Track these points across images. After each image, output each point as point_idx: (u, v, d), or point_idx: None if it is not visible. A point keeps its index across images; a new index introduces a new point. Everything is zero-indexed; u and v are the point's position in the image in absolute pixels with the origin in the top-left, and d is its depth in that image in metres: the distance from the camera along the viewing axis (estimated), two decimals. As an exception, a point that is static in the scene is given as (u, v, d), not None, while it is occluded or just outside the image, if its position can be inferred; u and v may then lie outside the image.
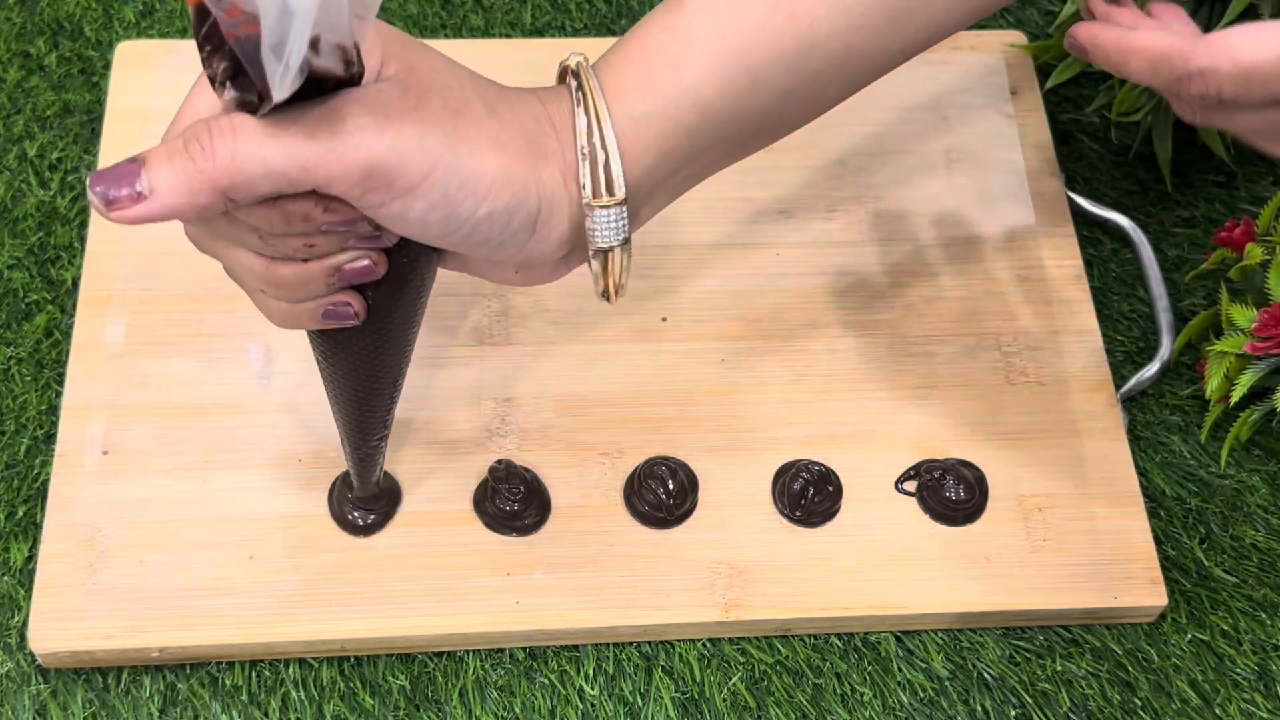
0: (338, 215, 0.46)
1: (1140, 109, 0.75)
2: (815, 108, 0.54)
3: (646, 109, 0.50)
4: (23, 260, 0.71)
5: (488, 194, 0.47)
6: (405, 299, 0.52)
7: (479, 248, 0.49)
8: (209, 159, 0.44)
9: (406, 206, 0.46)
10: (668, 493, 0.64)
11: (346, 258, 0.48)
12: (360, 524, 0.63)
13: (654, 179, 0.51)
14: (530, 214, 0.49)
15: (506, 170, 0.48)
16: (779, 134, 0.55)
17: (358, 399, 0.55)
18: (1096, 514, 0.66)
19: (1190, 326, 0.71)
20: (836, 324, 0.70)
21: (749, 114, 0.52)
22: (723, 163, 0.54)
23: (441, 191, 0.46)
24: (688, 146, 0.51)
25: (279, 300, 0.50)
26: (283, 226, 0.46)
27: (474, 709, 0.61)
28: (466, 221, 0.48)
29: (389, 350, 0.53)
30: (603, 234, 0.50)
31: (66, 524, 0.63)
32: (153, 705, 0.61)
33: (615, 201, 0.50)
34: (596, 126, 0.49)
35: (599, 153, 0.49)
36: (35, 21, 0.80)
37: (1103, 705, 0.63)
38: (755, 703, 0.62)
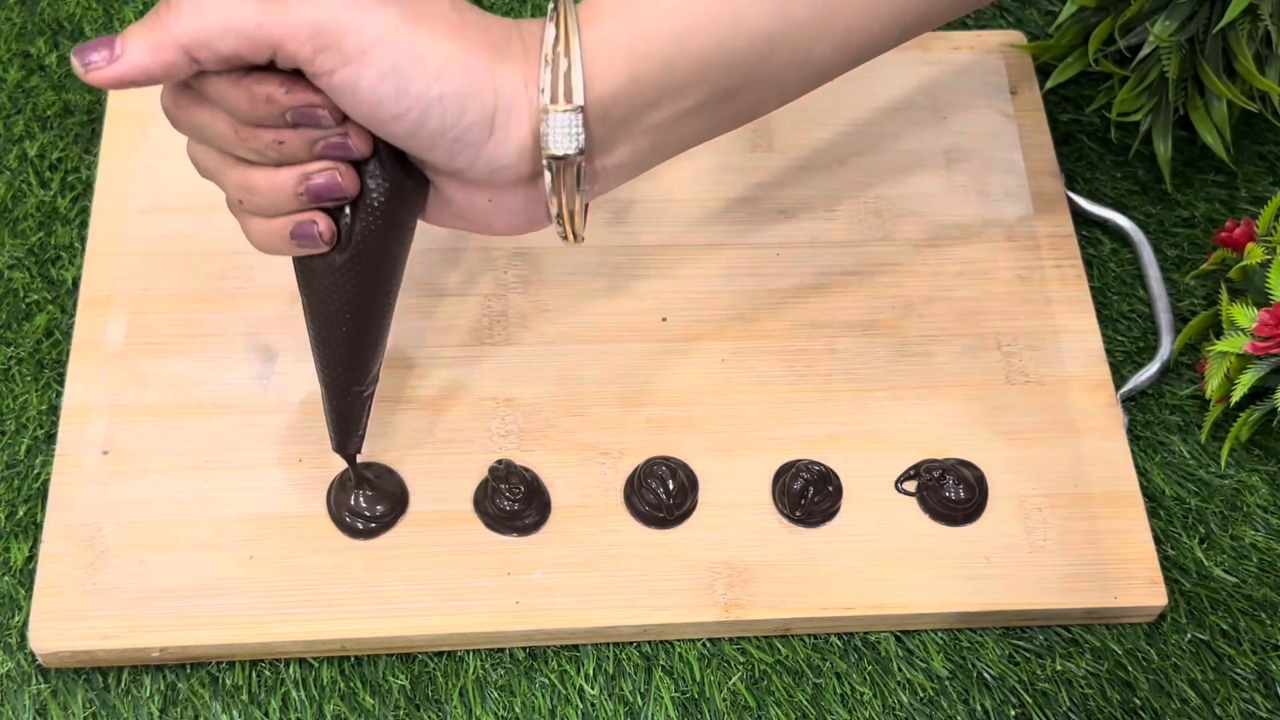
0: (297, 97, 0.48)
1: (1140, 109, 0.75)
2: (805, 64, 0.53)
3: (619, 31, 0.50)
4: (23, 260, 0.71)
5: (441, 74, 0.48)
6: (378, 230, 0.52)
7: (434, 142, 0.49)
8: (175, 19, 0.47)
9: (357, 74, 0.47)
10: (668, 493, 0.64)
11: (315, 167, 0.50)
12: (359, 527, 0.63)
13: (626, 105, 0.51)
14: (486, 109, 0.49)
15: (463, 54, 0.48)
16: (773, 94, 0.54)
17: (331, 342, 0.56)
18: (1096, 514, 0.66)
19: (1190, 326, 0.71)
20: (836, 324, 0.70)
21: (731, 56, 0.51)
22: (709, 114, 0.53)
23: (392, 61, 0.47)
24: (663, 78, 0.51)
25: (256, 214, 0.51)
26: (250, 108, 0.48)
27: (474, 709, 0.61)
28: (418, 100, 0.48)
29: (364, 288, 0.54)
30: (555, 139, 0.50)
31: (66, 524, 0.63)
32: (153, 705, 0.61)
33: (572, 108, 0.49)
34: (564, 38, 0.50)
35: (561, 60, 0.49)
36: (35, 21, 0.80)
37: (1102, 705, 0.63)
38: (755, 703, 0.62)
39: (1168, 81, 0.72)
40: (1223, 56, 0.72)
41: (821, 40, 0.52)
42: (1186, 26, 0.70)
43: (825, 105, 0.77)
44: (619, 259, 0.72)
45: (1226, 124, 0.74)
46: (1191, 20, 0.70)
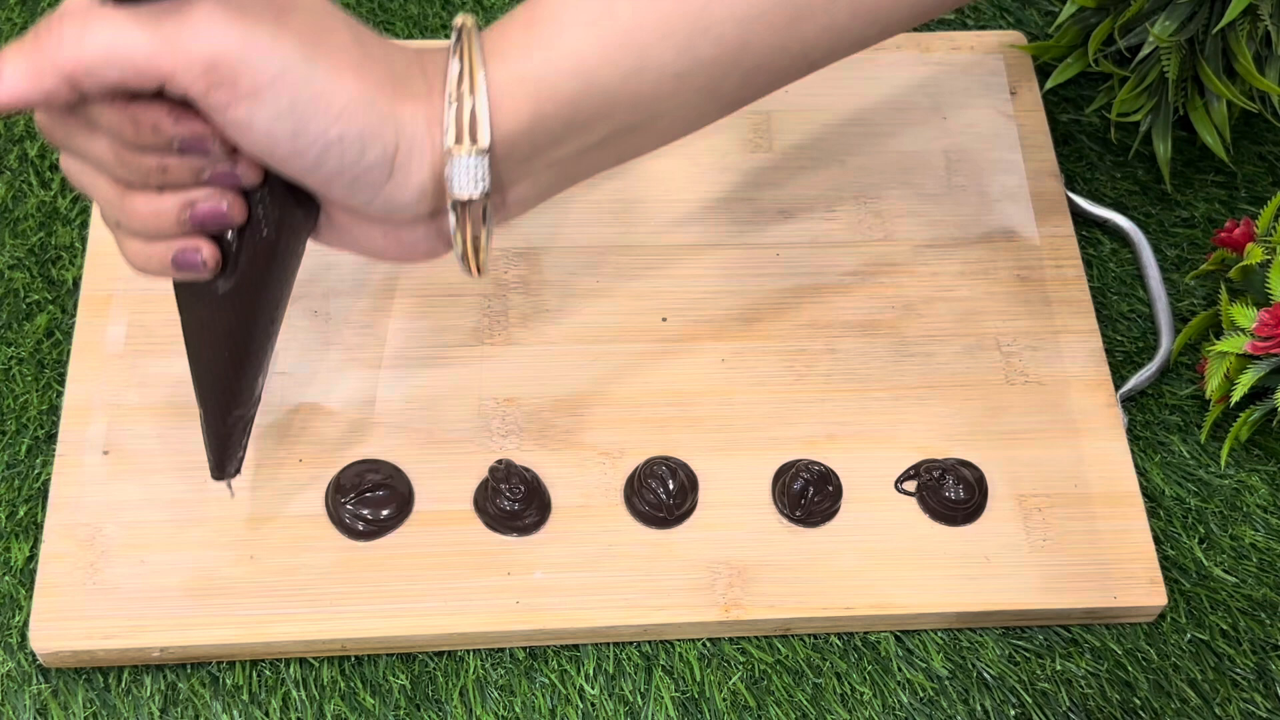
0: (187, 128, 0.46)
1: (1140, 109, 0.75)
2: (713, 99, 0.52)
3: (524, 68, 0.48)
4: (23, 260, 0.71)
5: (341, 114, 0.46)
6: (264, 258, 0.50)
7: (331, 180, 0.48)
8: (57, 44, 0.44)
9: (252, 112, 0.45)
10: (668, 493, 0.64)
11: (201, 194, 0.48)
12: (360, 529, 0.63)
13: (530, 142, 0.49)
14: (386, 150, 0.47)
15: (364, 94, 0.46)
16: (677, 126, 0.52)
17: (211, 367, 0.54)
18: (1096, 514, 0.66)
19: (1190, 326, 0.71)
20: (836, 324, 0.70)
21: (638, 94, 0.50)
22: (613, 147, 0.52)
23: (290, 100, 0.45)
24: (569, 114, 0.49)
25: (134, 236, 0.49)
26: (134, 135, 0.46)
27: (474, 708, 0.61)
28: (316, 141, 0.46)
29: (247, 316, 0.52)
30: (460, 182, 0.48)
31: (67, 524, 0.63)
32: (153, 705, 0.61)
33: (478, 150, 0.48)
34: (469, 74, 0.48)
35: (466, 99, 0.48)
36: (36, 21, 0.79)
37: (1102, 705, 0.63)
38: (755, 702, 0.62)
39: (1168, 82, 0.72)
40: (1222, 56, 0.72)
41: (729, 76, 0.51)
42: (1186, 26, 0.70)
43: (825, 105, 0.77)
44: (619, 259, 0.72)
45: (1226, 124, 0.74)
46: (1191, 20, 0.70)
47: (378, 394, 0.67)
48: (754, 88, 0.52)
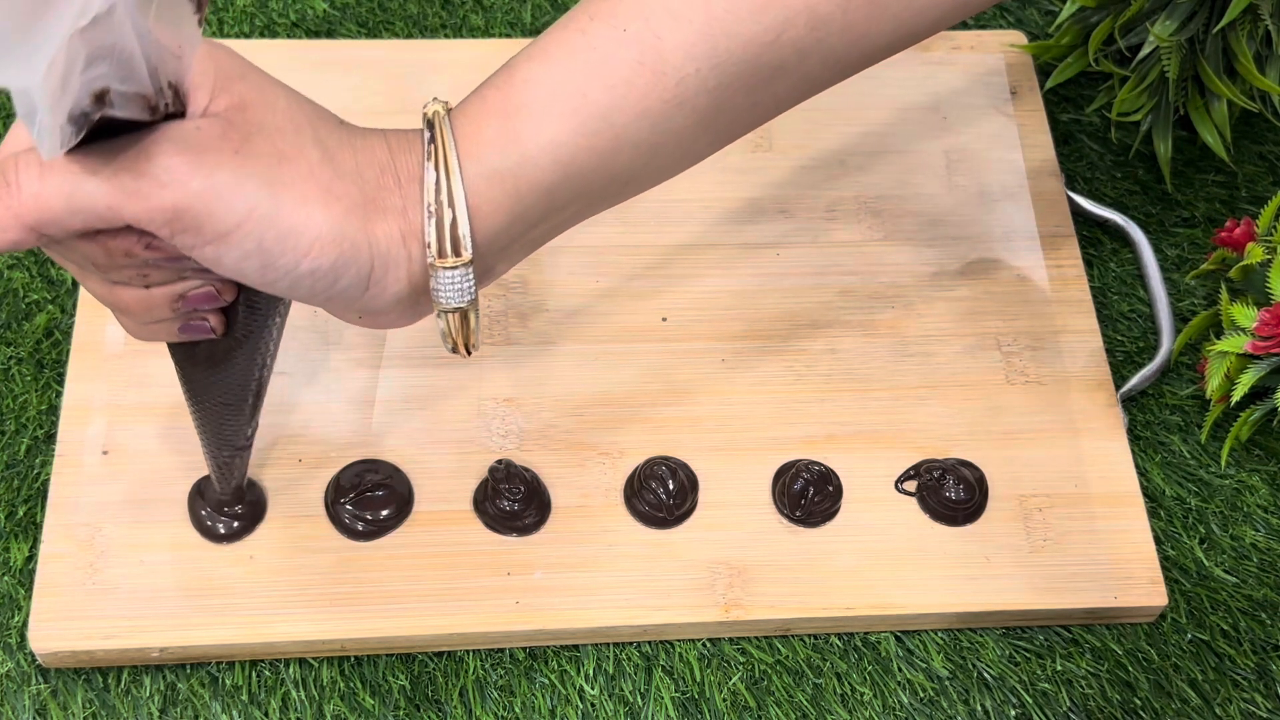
0: (160, 252, 0.45)
1: (1140, 109, 0.75)
2: (684, 161, 0.52)
3: (501, 164, 0.48)
4: (23, 260, 0.71)
5: (309, 250, 0.45)
6: (261, 317, 0.51)
7: (306, 299, 0.48)
8: (14, 196, 0.43)
9: (219, 253, 0.44)
10: (668, 493, 0.64)
11: (188, 286, 0.48)
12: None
13: (508, 235, 0.49)
14: (361, 272, 0.47)
15: (334, 227, 0.45)
16: (647, 186, 0.52)
17: (212, 411, 0.55)
18: (1096, 514, 0.66)
19: (1190, 326, 0.71)
20: (836, 324, 0.70)
21: (613, 170, 0.49)
22: (585, 214, 0.52)
23: (256, 242, 0.44)
24: (546, 204, 0.49)
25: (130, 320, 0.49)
26: (106, 260, 0.45)
27: (474, 709, 0.61)
28: (286, 275, 0.46)
29: (246, 366, 0.53)
30: (447, 295, 0.48)
31: (66, 524, 0.63)
32: (153, 705, 0.61)
33: (461, 262, 0.48)
34: (446, 183, 0.47)
35: (445, 211, 0.47)
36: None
37: (1103, 705, 0.63)
38: (755, 703, 0.62)
39: (1168, 81, 0.72)
40: (1223, 56, 0.72)
41: (702, 139, 0.51)
42: (1186, 26, 0.70)
43: (825, 105, 0.76)
44: (619, 259, 0.72)
45: (1226, 124, 0.74)
46: (1191, 20, 0.70)
47: (378, 394, 0.67)
48: (725, 141, 0.52)
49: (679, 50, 0.48)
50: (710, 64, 0.48)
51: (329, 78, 0.76)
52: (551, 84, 0.48)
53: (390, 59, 0.77)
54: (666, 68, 0.48)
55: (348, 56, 0.77)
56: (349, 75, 0.76)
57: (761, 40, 0.48)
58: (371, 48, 0.78)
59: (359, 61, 0.77)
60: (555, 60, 0.48)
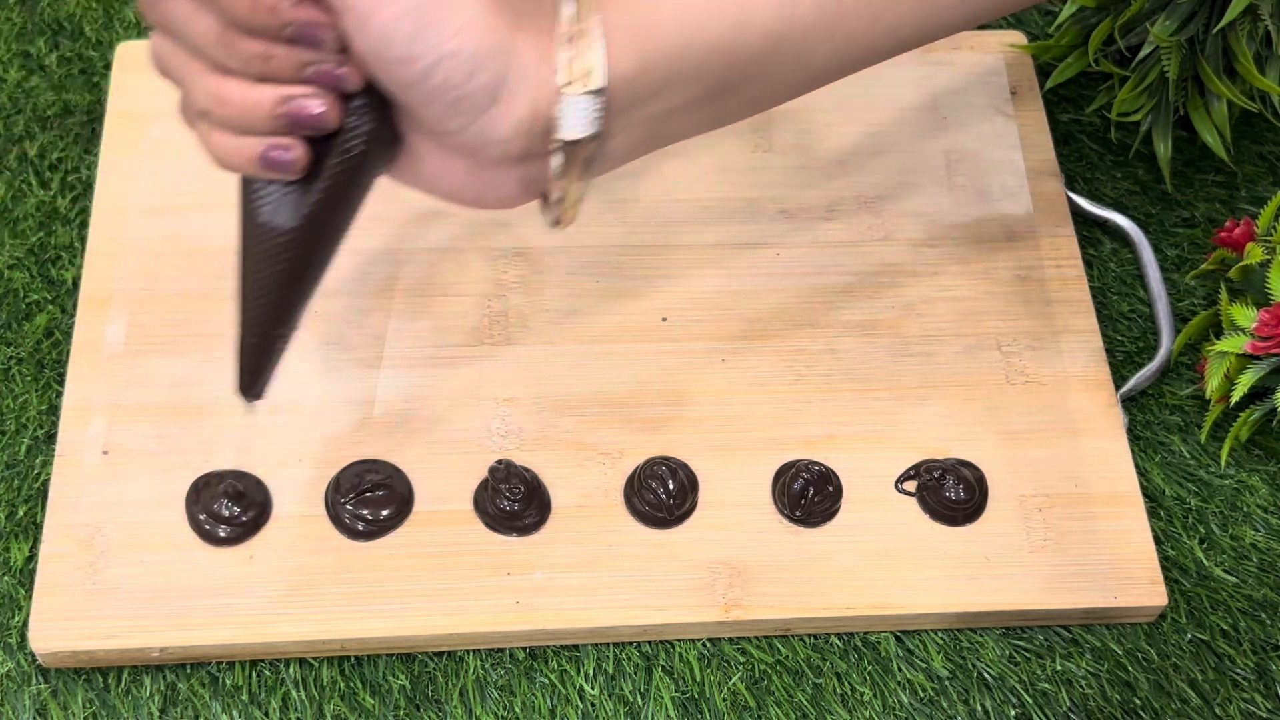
0: (304, 12, 0.45)
1: (1140, 109, 0.75)
2: (801, 69, 0.52)
3: (634, 14, 0.48)
4: (23, 260, 0.71)
5: (461, 29, 0.45)
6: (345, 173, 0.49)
7: (432, 97, 0.46)
8: None
9: (377, 5, 0.44)
10: (668, 493, 0.64)
11: (300, 90, 0.46)
12: (360, 529, 0.63)
13: (632, 92, 0.49)
14: (496, 76, 0.46)
15: (487, 17, 0.45)
16: (763, 96, 0.53)
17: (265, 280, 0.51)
18: (1096, 514, 0.66)
19: (1190, 326, 0.71)
20: (836, 324, 0.70)
21: (735, 51, 0.50)
22: (702, 110, 0.52)
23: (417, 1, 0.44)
24: (671, 66, 0.49)
25: (221, 127, 0.48)
26: (248, 14, 0.44)
27: (474, 709, 0.61)
28: (431, 49, 0.45)
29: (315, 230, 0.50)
30: (571, 122, 0.48)
31: (66, 524, 0.63)
32: (153, 705, 0.61)
33: (592, 89, 0.47)
34: (584, 13, 0.47)
35: (580, 39, 0.47)
36: (35, 21, 0.80)
37: (1103, 705, 0.63)
38: (755, 702, 0.62)
39: (1168, 81, 0.72)
40: (1223, 56, 0.72)
41: (821, 44, 0.51)
42: (1186, 26, 0.70)
43: (825, 106, 0.77)
44: (619, 259, 0.72)
45: (1226, 124, 0.74)
46: (1191, 20, 0.70)
47: (378, 394, 0.67)
48: (841, 61, 0.52)
49: None
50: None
51: (329, 78, 0.76)
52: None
53: (390, 59, 0.77)
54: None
55: (348, 56, 0.77)
56: (349, 75, 0.76)
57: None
58: (371, 48, 0.78)
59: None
60: None
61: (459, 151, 0.49)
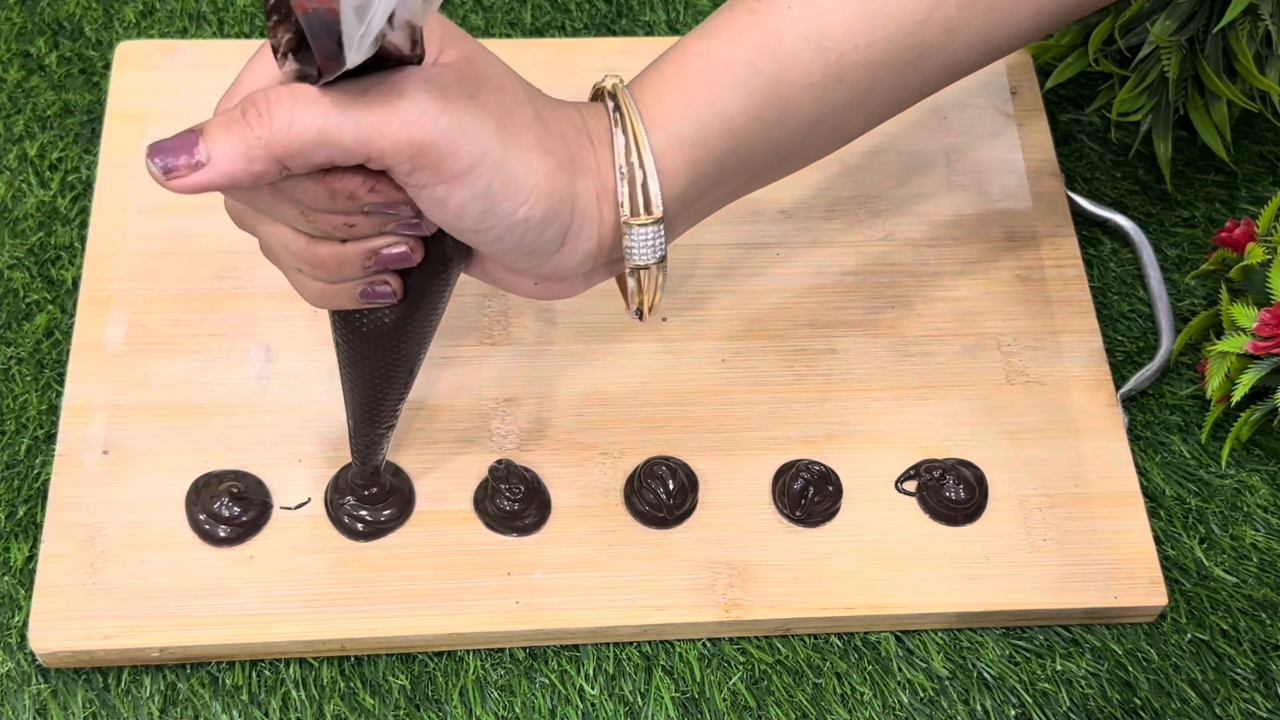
0: (381, 196, 0.47)
1: (1140, 109, 0.75)
2: (838, 138, 0.55)
3: (681, 132, 0.51)
4: (23, 260, 0.71)
5: (528, 198, 0.48)
6: (433, 290, 0.52)
7: (507, 251, 0.50)
8: (266, 126, 0.44)
9: (449, 192, 0.46)
10: (668, 493, 0.64)
11: (384, 242, 0.49)
12: (359, 529, 0.63)
13: (684, 201, 0.52)
14: (563, 225, 0.50)
15: (549, 178, 0.48)
16: (801, 164, 0.56)
17: (372, 385, 0.56)
18: (1096, 514, 0.66)
19: (1190, 326, 0.71)
20: (836, 324, 0.70)
21: (776, 143, 0.53)
22: (744, 190, 0.55)
23: (485, 184, 0.47)
24: (716, 172, 0.52)
25: (315, 280, 0.50)
26: (327, 203, 0.47)
27: (474, 709, 0.61)
28: (503, 220, 0.48)
29: (410, 339, 0.54)
30: (640, 252, 0.51)
31: (66, 524, 0.63)
32: (153, 705, 0.61)
33: (653, 220, 0.51)
34: (635, 147, 0.50)
35: (637, 172, 0.50)
36: (35, 21, 0.80)
37: (1103, 705, 0.63)
38: (755, 702, 0.62)
39: (1168, 81, 0.72)
40: (1223, 56, 0.72)
41: (856, 117, 0.54)
42: (1186, 26, 0.70)
43: (825, 105, 0.77)
44: (619, 259, 0.72)
45: (1226, 124, 0.74)
46: (1191, 20, 0.70)
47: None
48: (874, 122, 0.56)
49: (841, 26, 0.51)
50: (867, 40, 0.52)
51: (329, 78, 0.76)
52: (724, 57, 0.51)
53: (390, 59, 0.77)
54: (829, 43, 0.51)
55: (348, 56, 0.77)
56: (349, 75, 0.76)
57: (914, 19, 0.52)
58: (371, 48, 0.78)
59: (359, 61, 0.77)
60: (726, 37, 0.52)
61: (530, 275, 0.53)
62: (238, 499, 0.63)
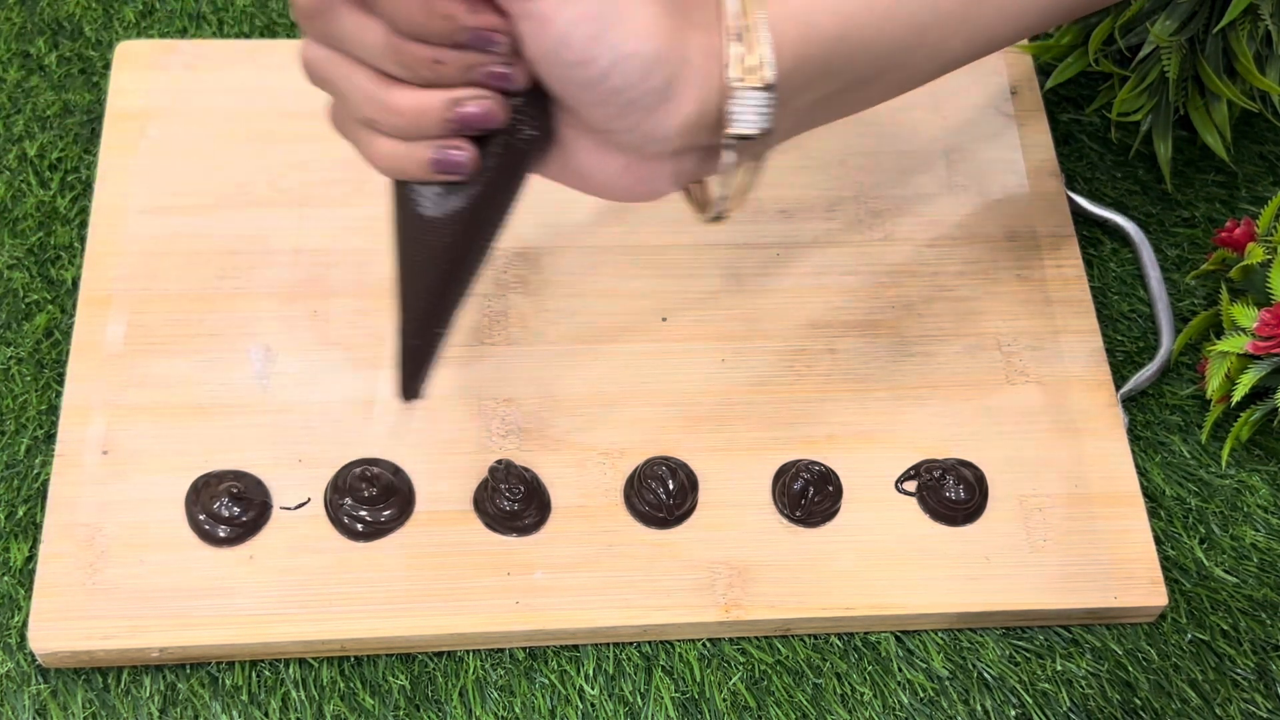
0: (482, 19, 0.44)
1: (1141, 109, 0.75)
2: (936, 60, 0.52)
3: (793, 7, 0.48)
4: (23, 260, 0.71)
5: (639, 31, 0.45)
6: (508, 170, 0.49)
7: (606, 99, 0.46)
8: None
9: (557, 8, 0.43)
10: (668, 493, 0.64)
11: (468, 93, 0.46)
12: (359, 529, 0.63)
13: (791, 84, 0.49)
14: (667, 76, 0.46)
15: (659, 19, 0.45)
16: (894, 88, 0.53)
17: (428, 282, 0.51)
18: (1096, 514, 0.66)
19: (1190, 326, 0.71)
20: (836, 324, 0.70)
21: (881, 44, 0.50)
22: (843, 100, 0.52)
23: (599, 4, 0.44)
24: (824, 58, 0.49)
25: (389, 135, 0.47)
26: (423, 23, 0.44)
27: (474, 709, 0.61)
28: (609, 52, 0.45)
29: (475, 230, 0.50)
30: (745, 119, 0.48)
31: (66, 524, 0.63)
32: (153, 705, 0.61)
33: (763, 84, 0.47)
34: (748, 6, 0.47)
35: (748, 34, 0.47)
36: (35, 21, 0.80)
37: (1103, 705, 0.63)
38: (755, 703, 0.62)
39: (1168, 81, 0.72)
40: (1223, 56, 0.72)
41: (958, 34, 0.52)
42: (1186, 26, 0.70)
43: (825, 105, 0.77)
44: (619, 259, 0.72)
45: (1227, 124, 0.74)
46: (1191, 20, 0.70)
47: (378, 394, 0.67)
48: (972, 50, 0.53)
49: None
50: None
51: (329, 78, 0.76)
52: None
53: (390, 59, 0.77)
54: None
55: (348, 56, 0.77)
56: (349, 75, 0.76)
57: None
58: (371, 48, 0.78)
59: (359, 61, 0.77)
60: None
61: (619, 148, 0.49)
62: (237, 499, 0.63)
